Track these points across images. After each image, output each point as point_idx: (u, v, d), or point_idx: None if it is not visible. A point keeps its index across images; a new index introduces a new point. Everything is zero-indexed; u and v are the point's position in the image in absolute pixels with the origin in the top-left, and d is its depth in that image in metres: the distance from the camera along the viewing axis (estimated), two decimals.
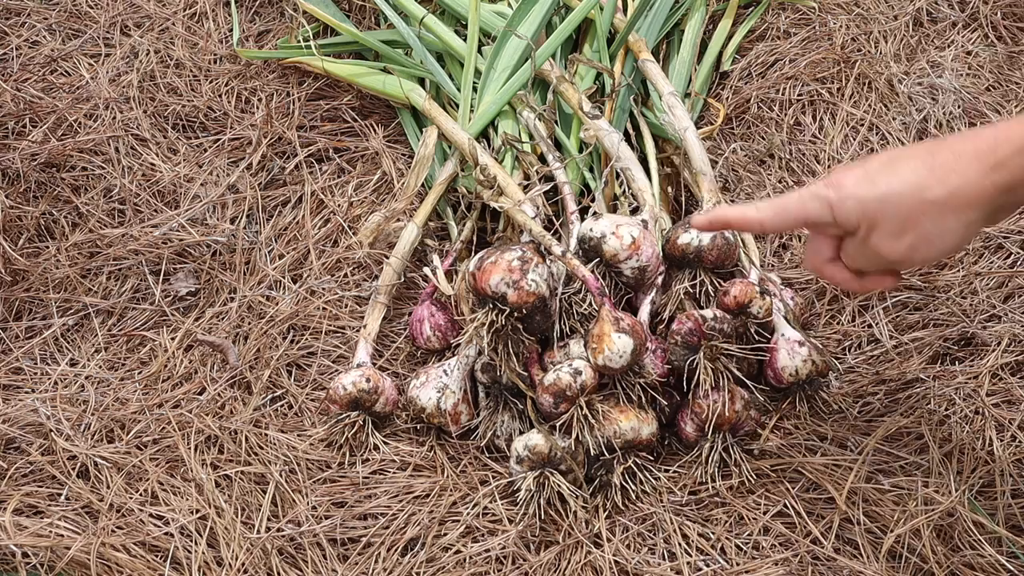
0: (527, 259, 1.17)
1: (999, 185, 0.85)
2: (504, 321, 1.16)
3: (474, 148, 1.39)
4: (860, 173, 0.91)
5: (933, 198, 0.87)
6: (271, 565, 1.15)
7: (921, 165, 0.88)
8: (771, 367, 1.25)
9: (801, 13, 1.74)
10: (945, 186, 0.86)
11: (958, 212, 0.87)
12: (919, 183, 0.87)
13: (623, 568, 1.15)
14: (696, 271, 1.22)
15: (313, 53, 1.63)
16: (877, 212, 0.89)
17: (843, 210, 0.91)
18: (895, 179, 0.88)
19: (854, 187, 0.90)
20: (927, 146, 0.89)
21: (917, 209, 0.88)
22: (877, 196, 0.89)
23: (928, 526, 1.13)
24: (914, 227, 0.89)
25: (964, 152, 0.86)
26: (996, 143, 0.85)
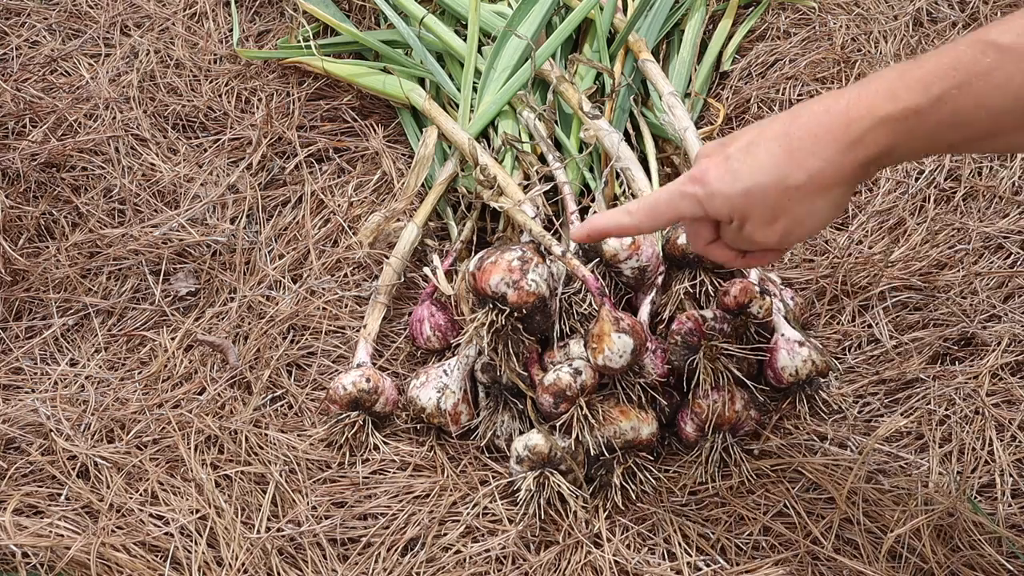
0: (527, 259, 1.17)
1: (859, 161, 0.84)
2: (504, 321, 1.16)
3: (474, 148, 1.39)
4: (722, 164, 0.90)
5: (796, 184, 0.86)
6: (271, 565, 1.15)
7: (779, 149, 0.86)
8: (771, 367, 1.25)
9: (801, 13, 1.74)
10: (806, 170, 0.85)
11: (823, 192, 0.86)
12: (779, 171, 0.86)
13: (623, 568, 1.15)
14: (696, 271, 1.22)
15: (313, 53, 1.63)
16: (745, 206, 0.89)
17: (712, 206, 0.91)
18: (756, 169, 0.87)
19: (718, 182, 0.90)
20: (783, 123, 0.87)
21: (783, 196, 0.87)
22: (742, 190, 0.88)
23: (928, 526, 1.13)
24: (784, 213, 0.88)
25: (819, 134, 0.85)
26: (849, 120, 0.83)
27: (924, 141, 0.83)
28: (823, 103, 0.86)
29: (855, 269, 1.39)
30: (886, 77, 0.83)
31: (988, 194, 1.48)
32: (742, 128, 0.93)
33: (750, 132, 0.90)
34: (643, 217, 0.96)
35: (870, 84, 0.84)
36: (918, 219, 1.46)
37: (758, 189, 0.87)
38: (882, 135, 0.83)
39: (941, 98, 0.80)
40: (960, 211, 1.46)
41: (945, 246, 1.42)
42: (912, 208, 1.48)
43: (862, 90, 0.84)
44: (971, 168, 1.51)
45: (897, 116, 0.82)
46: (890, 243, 1.43)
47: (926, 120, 0.81)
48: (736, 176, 0.88)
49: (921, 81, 0.81)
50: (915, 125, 0.82)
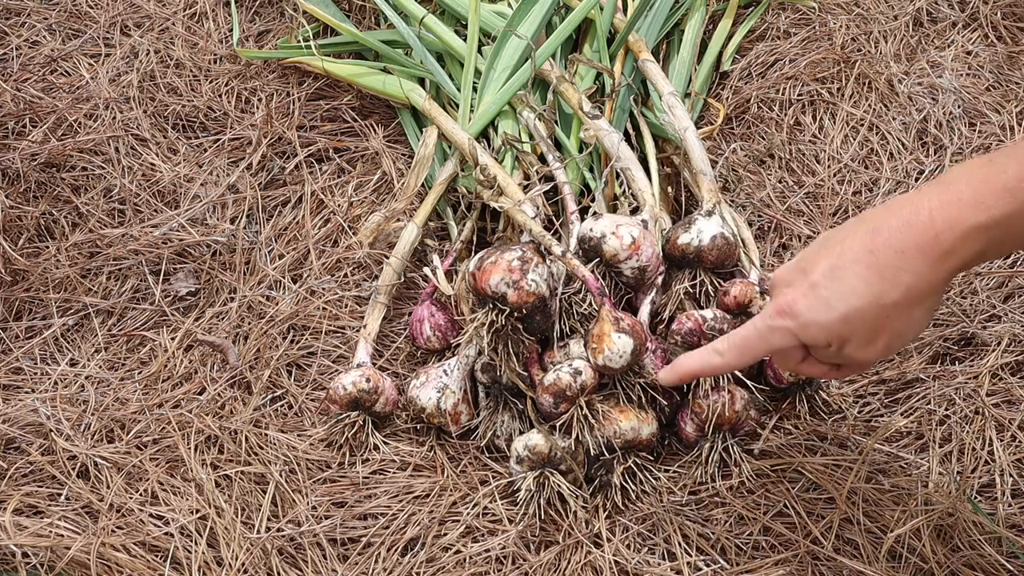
0: (527, 259, 1.17)
1: (951, 269, 0.84)
2: (504, 321, 1.16)
3: (474, 148, 1.39)
4: (810, 295, 0.89)
5: (893, 301, 0.86)
6: (271, 565, 1.15)
7: (867, 271, 0.86)
8: (771, 367, 1.25)
9: (801, 13, 1.74)
10: (900, 287, 0.85)
11: (920, 303, 0.87)
12: (872, 292, 0.86)
13: (623, 568, 1.15)
14: (696, 271, 1.22)
15: (313, 53, 1.63)
16: (844, 331, 0.89)
17: (808, 336, 0.91)
18: (849, 294, 0.87)
19: (810, 313, 0.89)
20: (863, 242, 0.86)
21: (881, 315, 0.87)
22: (839, 318, 0.88)
23: (928, 526, 1.13)
24: (884, 330, 0.88)
25: (907, 249, 0.84)
26: (936, 233, 0.83)
27: (1014, 242, 0.84)
28: (901, 216, 0.85)
29: None
30: (968, 183, 0.82)
31: None
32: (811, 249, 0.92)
33: (827, 254, 0.89)
34: (735, 357, 0.97)
35: (949, 190, 0.83)
36: None
37: (855, 314, 0.87)
38: (972, 244, 0.82)
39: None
40: None
41: None
42: None
43: (942, 198, 0.83)
44: None
45: (988, 225, 0.81)
46: None
47: (1016, 225, 0.81)
48: (829, 305, 0.88)
49: (1007, 189, 0.80)
50: (1006, 231, 0.82)
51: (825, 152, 1.54)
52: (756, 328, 0.95)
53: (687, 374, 1.04)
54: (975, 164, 0.83)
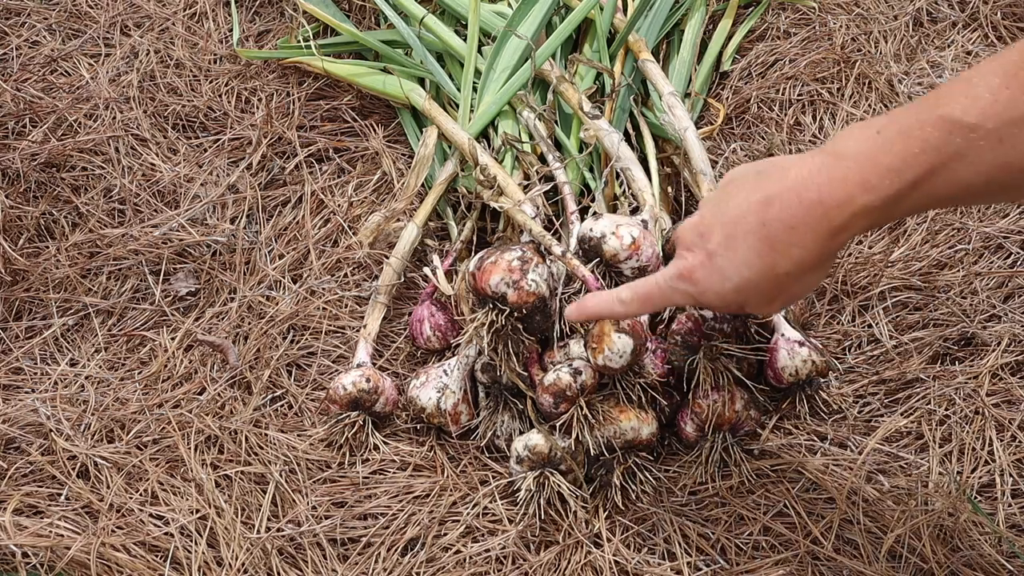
0: (527, 259, 1.17)
1: (843, 242, 0.86)
2: (504, 321, 1.16)
3: (474, 148, 1.39)
4: (707, 264, 0.92)
5: (785, 271, 0.88)
6: (271, 565, 1.15)
7: (759, 244, 0.87)
8: (771, 367, 1.25)
9: (801, 13, 1.74)
10: (791, 260, 0.87)
11: (813, 271, 0.88)
12: (764, 264, 0.88)
13: (623, 568, 1.15)
14: None
15: (313, 53, 1.63)
16: (738, 299, 0.92)
17: (706, 301, 0.94)
18: (742, 265, 0.89)
19: (707, 282, 0.92)
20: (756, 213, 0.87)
21: (774, 283, 0.89)
22: (733, 288, 0.91)
23: (928, 526, 1.13)
24: (779, 295, 0.91)
25: (797, 225, 0.85)
26: (825, 210, 0.84)
27: (902, 214, 0.85)
28: (793, 189, 0.85)
29: (855, 269, 1.39)
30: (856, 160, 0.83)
31: None
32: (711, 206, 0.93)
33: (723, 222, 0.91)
34: (636, 308, 1.02)
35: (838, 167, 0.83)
36: (918, 219, 1.46)
37: (748, 284, 0.90)
38: (862, 221, 0.84)
39: (915, 183, 0.81)
40: (960, 211, 1.46)
41: (945, 246, 1.42)
42: None
43: (831, 174, 0.84)
44: None
45: (876, 205, 0.82)
46: (890, 243, 1.43)
47: (903, 203, 0.82)
48: (724, 275, 0.91)
49: (893, 169, 0.81)
50: (893, 209, 0.83)
51: None
52: (659, 285, 0.98)
53: (591, 315, 1.07)
54: (864, 134, 0.83)
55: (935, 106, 0.79)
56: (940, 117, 0.79)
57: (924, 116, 0.80)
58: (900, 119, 0.81)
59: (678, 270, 0.95)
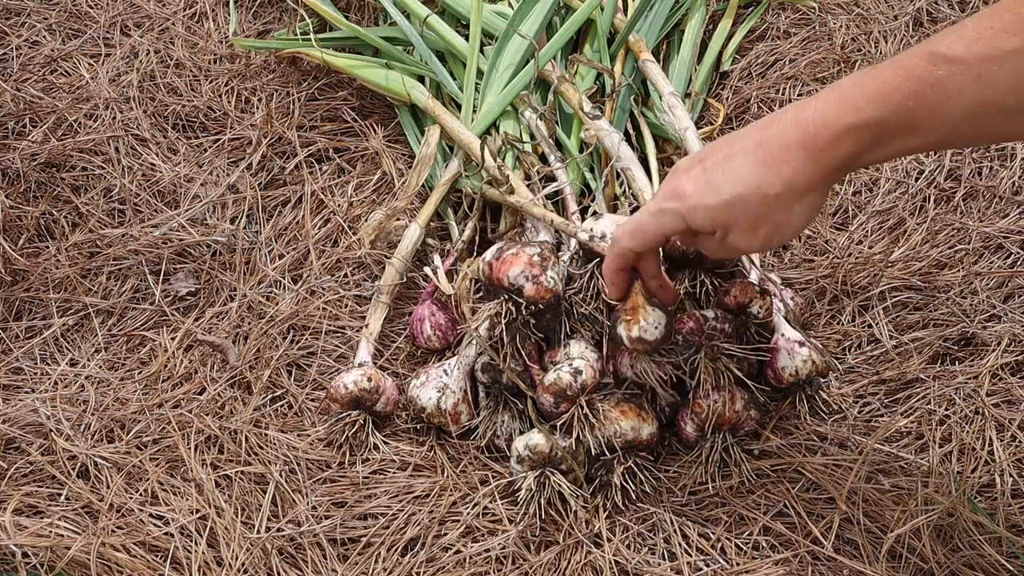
0: (547, 256, 1.17)
1: (829, 166, 0.88)
2: (519, 313, 1.16)
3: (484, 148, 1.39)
4: (700, 177, 0.94)
5: (775, 192, 0.89)
6: (271, 565, 1.15)
7: (754, 160, 0.90)
8: (771, 367, 1.25)
9: (801, 13, 1.74)
10: (781, 178, 0.89)
11: (800, 198, 0.90)
12: (757, 181, 0.90)
13: (623, 568, 1.15)
14: (696, 271, 1.22)
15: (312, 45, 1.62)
16: (727, 217, 0.93)
17: (695, 219, 0.95)
18: (735, 180, 0.91)
19: (699, 196, 0.93)
20: (757, 133, 0.91)
21: (762, 204, 0.91)
22: (723, 202, 0.92)
23: (928, 526, 1.13)
24: (765, 220, 0.92)
25: (791, 143, 0.88)
26: (816, 129, 0.87)
27: (890, 147, 0.86)
28: (791, 112, 0.89)
29: (855, 269, 1.39)
30: (846, 86, 0.86)
31: (988, 194, 1.48)
32: (715, 141, 0.96)
33: (725, 144, 0.93)
34: (629, 240, 1.02)
35: (832, 93, 0.87)
36: (918, 219, 1.46)
37: (738, 200, 0.91)
38: (848, 143, 0.86)
39: (897, 109, 0.83)
40: (960, 211, 1.46)
41: (945, 246, 1.42)
42: (912, 208, 1.48)
43: (826, 99, 0.87)
44: (971, 168, 1.51)
45: (860, 125, 0.85)
46: (890, 243, 1.43)
47: (887, 128, 0.84)
48: (716, 188, 0.92)
49: (878, 92, 0.84)
50: (877, 133, 0.85)
51: None
52: (648, 211, 0.99)
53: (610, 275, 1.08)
54: (864, 71, 0.87)
55: (927, 44, 0.83)
56: (927, 51, 0.82)
57: (914, 51, 0.83)
58: (895, 57, 0.85)
59: (669, 188, 0.96)
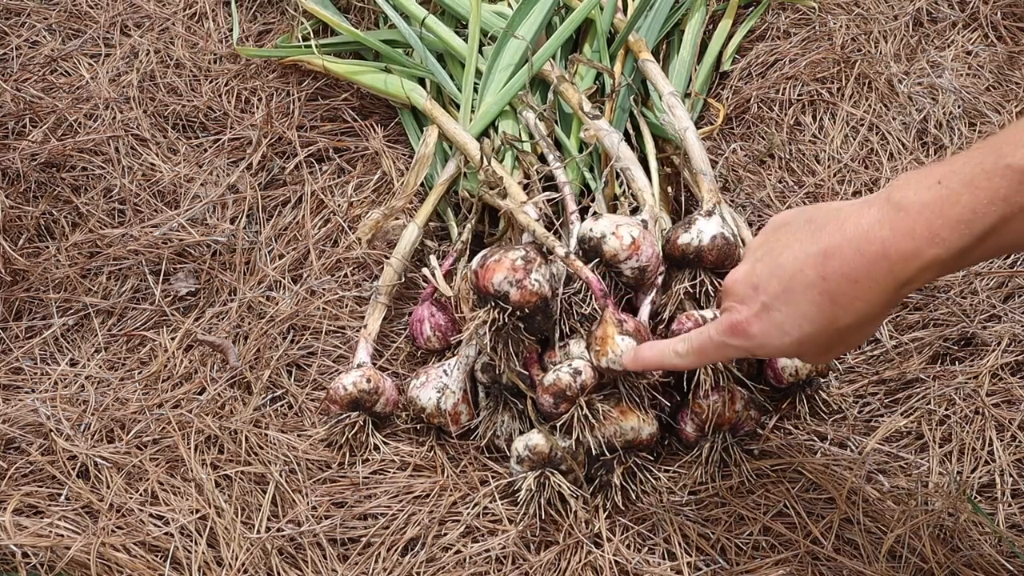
0: (530, 259, 1.17)
1: (906, 293, 0.85)
2: (505, 320, 1.16)
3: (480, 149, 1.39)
4: (764, 318, 0.91)
5: (847, 325, 0.87)
6: (271, 565, 1.15)
7: (820, 298, 0.86)
8: (771, 367, 1.25)
9: (801, 13, 1.74)
10: (854, 313, 0.86)
11: (874, 322, 0.87)
12: (826, 319, 0.87)
13: (623, 568, 1.15)
14: (696, 271, 1.22)
15: (313, 52, 1.63)
16: (798, 351, 0.91)
17: (763, 353, 0.94)
18: (803, 321, 0.88)
19: (764, 337, 0.91)
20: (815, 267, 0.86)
21: (834, 336, 0.88)
22: (793, 342, 0.90)
23: (928, 526, 1.13)
24: (837, 344, 0.90)
25: (860, 279, 0.84)
26: (891, 264, 0.82)
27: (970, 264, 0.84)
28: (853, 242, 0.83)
29: None
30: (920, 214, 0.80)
31: None
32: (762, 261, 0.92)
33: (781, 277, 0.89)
34: (692, 362, 1.03)
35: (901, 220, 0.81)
36: None
37: (808, 338, 0.89)
38: (929, 273, 0.82)
39: (985, 235, 0.79)
40: None
41: None
42: None
43: (895, 228, 0.82)
44: None
45: (945, 258, 0.81)
46: None
47: (972, 254, 0.81)
48: (783, 329, 0.90)
49: (963, 221, 0.79)
50: (961, 260, 0.81)
51: (825, 152, 1.54)
52: (712, 340, 0.97)
53: (647, 366, 1.10)
54: (924, 183, 0.81)
55: (999, 155, 0.78)
56: (1008, 167, 0.77)
57: (988, 166, 0.78)
58: (961, 169, 0.80)
59: (730, 324, 0.94)
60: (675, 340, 1.04)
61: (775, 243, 0.92)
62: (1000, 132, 0.81)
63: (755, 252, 0.94)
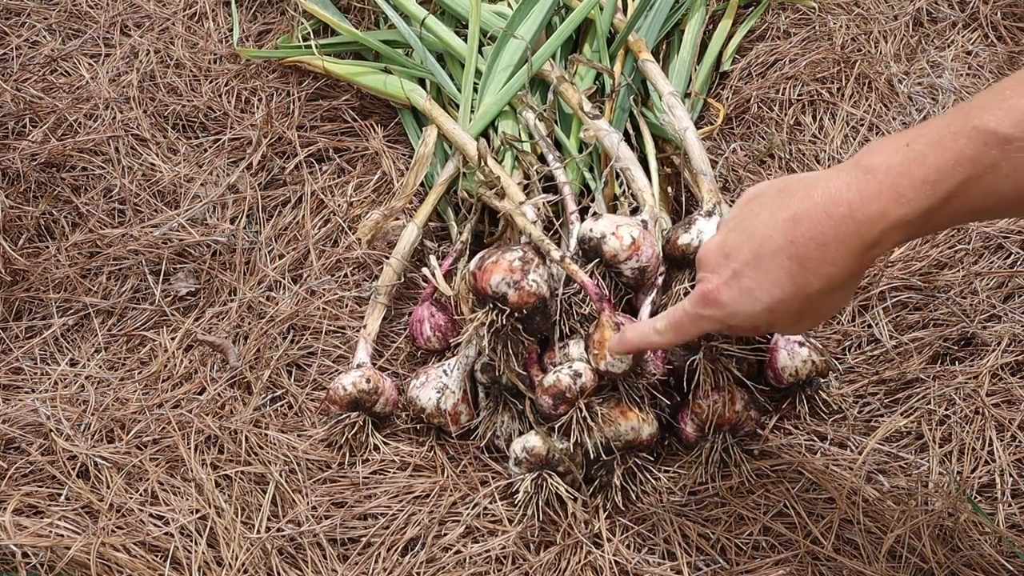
0: (528, 259, 1.17)
1: (874, 257, 0.85)
2: (504, 321, 1.16)
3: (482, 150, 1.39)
4: (733, 284, 0.91)
5: (817, 290, 0.87)
6: (271, 565, 1.15)
7: (789, 263, 0.87)
8: (771, 367, 1.25)
9: (801, 13, 1.74)
10: (823, 277, 0.86)
11: (843, 287, 0.88)
12: (795, 283, 0.87)
13: (623, 568, 1.15)
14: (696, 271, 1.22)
15: (313, 53, 1.63)
16: (769, 319, 0.91)
17: (735, 322, 0.94)
18: (772, 286, 0.88)
19: (736, 303, 0.92)
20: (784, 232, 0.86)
21: (805, 302, 0.89)
22: (763, 308, 0.90)
23: (928, 526, 1.13)
24: (808, 312, 0.90)
25: (828, 242, 0.84)
26: (858, 225, 0.82)
27: (937, 228, 0.84)
28: (819, 203, 0.84)
29: None
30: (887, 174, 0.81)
31: None
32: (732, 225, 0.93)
33: (748, 240, 0.90)
34: (672, 337, 1.03)
35: (868, 180, 0.82)
36: None
37: (779, 304, 0.89)
38: (895, 234, 0.83)
39: (950, 196, 0.79)
40: None
41: (945, 246, 1.42)
42: None
43: (862, 188, 0.82)
44: None
45: (910, 218, 0.81)
46: None
47: (938, 215, 0.81)
48: (753, 297, 0.90)
49: (928, 181, 0.79)
50: (927, 221, 0.81)
51: (825, 152, 1.54)
52: (686, 313, 0.98)
53: (631, 347, 1.10)
54: (893, 147, 0.82)
55: (967, 117, 0.78)
56: (975, 128, 0.77)
57: (956, 127, 0.79)
58: (929, 132, 0.80)
59: (702, 294, 0.95)
60: (655, 318, 1.04)
61: (747, 213, 0.92)
62: (973, 97, 0.82)
63: (728, 223, 0.95)
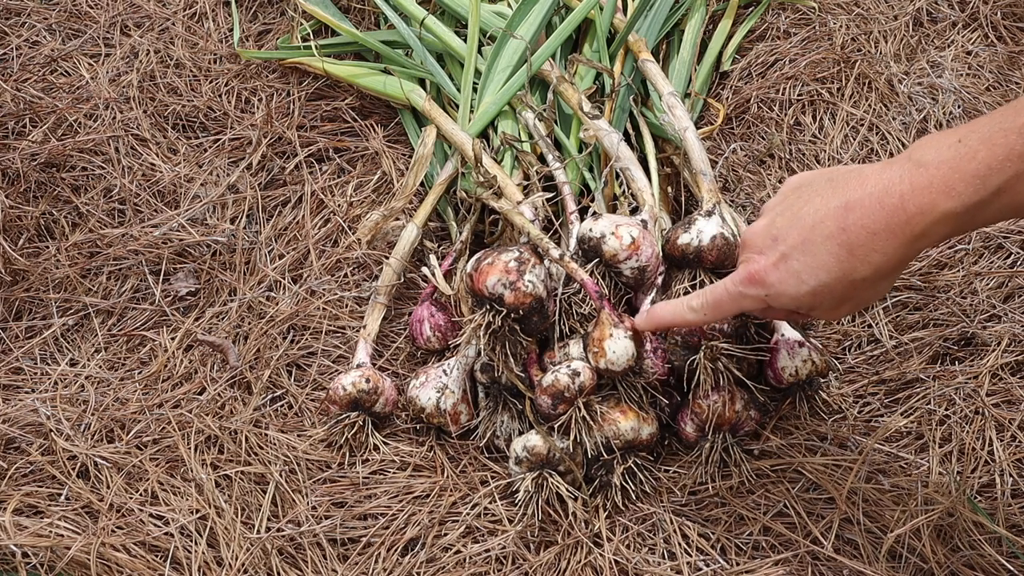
0: (524, 260, 1.17)
1: (921, 248, 0.87)
2: (501, 322, 1.16)
3: (476, 149, 1.39)
4: (781, 266, 0.93)
5: (863, 277, 0.89)
6: (271, 565, 1.15)
7: (839, 249, 0.89)
8: (771, 367, 1.25)
9: (801, 13, 1.74)
10: (870, 265, 0.89)
11: (887, 277, 0.90)
12: (843, 269, 0.90)
13: (623, 568, 1.15)
14: (696, 271, 1.22)
15: (313, 53, 1.63)
16: (812, 302, 0.93)
17: (779, 303, 0.96)
18: (820, 270, 0.91)
19: (782, 285, 0.93)
20: (836, 218, 0.89)
21: (849, 288, 0.91)
22: (809, 291, 0.92)
23: (928, 526, 1.13)
24: (850, 299, 0.93)
25: (878, 230, 0.87)
26: (908, 216, 0.85)
27: (983, 223, 0.86)
28: (874, 195, 0.87)
29: None
30: (938, 168, 0.84)
31: None
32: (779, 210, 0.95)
33: (798, 224, 0.92)
34: (708, 313, 1.03)
35: (920, 174, 0.85)
36: None
37: (824, 288, 0.91)
38: (944, 227, 0.85)
39: (1000, 190, 0.82)
40: None
41: (945, 246, 1.42)
42: None
43: (914, 180, 0.85)
44: None
45: (959, 212, 0.83)
46: None
47: (986, 209, 0.83)
48: (800, 279, 0.92)
49: (978, 176, 0.82)
50: (976, 215, 0.84)
51: (825, 152, 1.54)
52: (728, 291, 0.99)
53: (661, 325, 1.10)
54: (945, 143, 0.84)
55: (1018, 114, 0.81)
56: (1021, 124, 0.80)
57: (1007, 124, 0.81)
58: (981, 128, 0.83)
59: (748, 273, 0.96)
60: (689, 296, 1.05)
61: (795, 199, 0.94)
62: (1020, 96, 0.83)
63: (774, 209, 0.97)
